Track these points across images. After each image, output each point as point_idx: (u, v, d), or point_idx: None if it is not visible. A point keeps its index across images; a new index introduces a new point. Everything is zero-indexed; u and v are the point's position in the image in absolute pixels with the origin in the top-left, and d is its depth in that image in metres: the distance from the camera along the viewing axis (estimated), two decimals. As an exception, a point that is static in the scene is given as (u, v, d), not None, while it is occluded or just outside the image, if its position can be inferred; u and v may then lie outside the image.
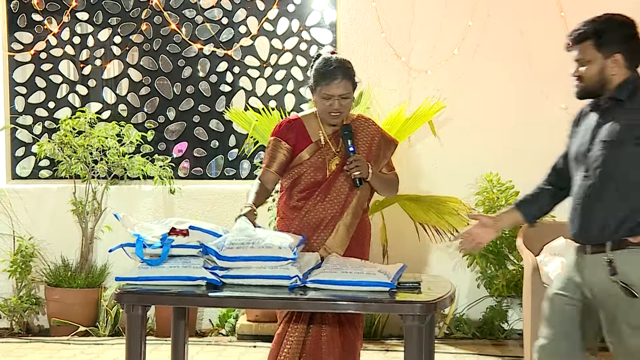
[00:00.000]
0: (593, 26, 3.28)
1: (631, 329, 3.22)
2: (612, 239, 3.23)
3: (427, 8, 6.36)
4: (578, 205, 3.31)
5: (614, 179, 3.22)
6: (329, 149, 3.98)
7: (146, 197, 6.69)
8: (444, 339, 6.16)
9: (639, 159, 3.19)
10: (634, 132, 3.18)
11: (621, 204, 3.22)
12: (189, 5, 6.73)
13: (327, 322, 3.92)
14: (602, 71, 3.27)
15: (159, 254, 3.50)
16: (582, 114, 3.45)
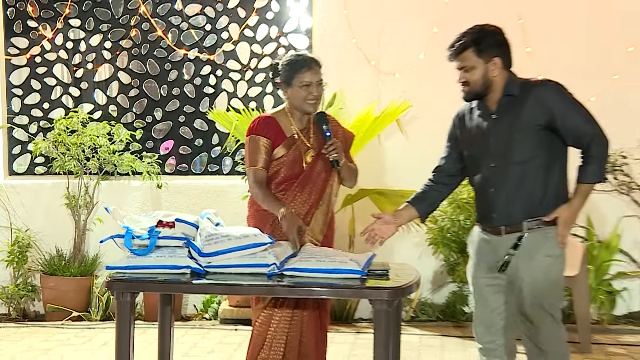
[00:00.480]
0: (471, 37, 3.47)
1: (531, 303, 3.40)
2: (528, 219, 3.38)
3: (395, 16, 6.38)
4: (494, 193, 3.43)
5: (525, 164, 3.37)
6: (302, 142, 3.98)
7: (135, 191, 6.66)
8: (410, 321, 6.19)
9: (543, 144, 3.36)
10: (533, 120, 3.35)
11: (534, 186, 3.38)
12: (174, 13, 6.71)
13: (306, 307, 3.93)
14: (485, 74, 3.43)
15: (146, 245, 3.50)
16: (462, 117, 3.60)
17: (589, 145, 3.37)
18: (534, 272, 3.40)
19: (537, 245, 3.40)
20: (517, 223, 3.41)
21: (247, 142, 3.98)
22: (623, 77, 6.15)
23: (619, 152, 6.00)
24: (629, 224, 6.16)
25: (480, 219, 3.58)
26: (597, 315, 6.04)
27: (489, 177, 3.46)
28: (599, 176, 3.40)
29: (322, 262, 3.44)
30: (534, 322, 3.46)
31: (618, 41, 6.14)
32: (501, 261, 3.41)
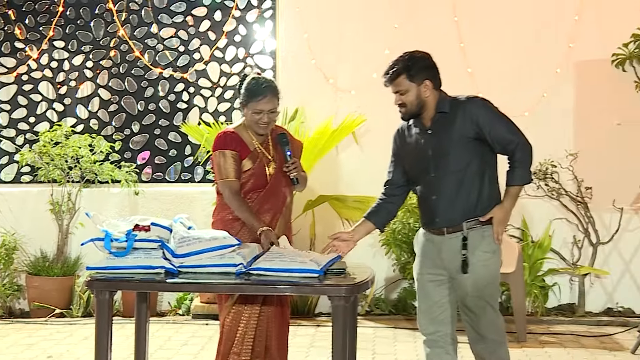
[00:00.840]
0: (402, 64, 3.53)
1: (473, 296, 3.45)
2: (467, 220, 3.44)
3: (351, 39, 6.39)
4: (436, 200, 3.47)
5: (461, 172, 3.43)
6: (264, 155, 3.94)
7: (114, 198, 6.57)
8: (365, 315, 6.18)
9: (475, 153, 3.44)
10: (464, 133, 3.42)
11: (470, 191, 3.44)
12: (150, 35, 6.65)
13: (271, 303, 3.90)
14: (419, 96, 3.49)
15: (124, 247, 3.44)
16: (402, 134, 3.64)
17: (514, 151, 3.46)
18: (475, 267, 3.44)
19: (476, 243, 3.44)
20: (457, 224, 3.45)
21: (215, 157, 3.89)
22: (551, 95, 6.22)
23: (549, 161, 6.08)
24: (558, 226, 6.22)
25: (424, 222, 3.60)
26: (532, 308, 6.08)
27: (430, 186, 3.50)
28: (526, 178, 3.51)
29: (285, 262, 3.42)
30: (476, 312, 3.49)
31: (547, 63, 6.22)
32: (460, 263, 3.44)
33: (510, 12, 6.25)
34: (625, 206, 6.13)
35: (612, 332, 5.68)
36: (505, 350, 3.56)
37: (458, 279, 3.48)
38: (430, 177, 3.49)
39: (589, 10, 6.15)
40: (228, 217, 3.90)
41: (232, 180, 3.84)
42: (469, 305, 3.49)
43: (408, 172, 3.61)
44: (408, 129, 3.61)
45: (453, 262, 3.47)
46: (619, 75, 6.06)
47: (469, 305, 3.49)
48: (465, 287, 3.46)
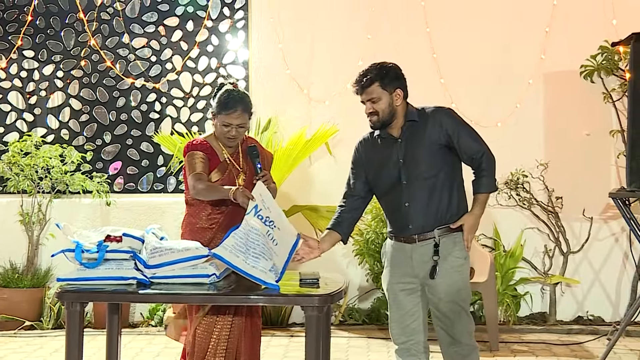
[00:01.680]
0: (376, 72, 3.58)
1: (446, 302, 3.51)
2: (439, 227, 3.49)
3: (325, 50, 6.41)
4: (408, 207, 3.50)
5: (433, 178, 3.49)
6: (234, 166, 3.93)
7: (85, 208, 6.51)
8: (339, 325, 6.17)
9: (445, 160, 3.51)
10: (435, 140, 3.49)
11: (441, 197, 3.51)
12: (122, 45, 6.61)
13: (242, 314, 3.88)
14: (391, 104, 3.55)
15: (95, 258, 3.41)
16: (365, 144, 3.68)
17: (480, 161, 3.53)
18: (448, 272, 3.49)
19: (448, 249, 3.50)
20: (429, 231, 3.50)
21: (185, 160, 3.89)
22: (524, 106, 6.29)
23: (520, 171, 6.13)
24: (530, 235, 6.28)
25: (395, 231, 3.61)
26: (504, 317, 6.12)
27: (402, 194, 3.52)
28: (492, 186, 3.60)
29: (246, 264, 3.37)
30: (451, 317, 3.53)
31: (520, 74, 6.28)
32: (430, 269, 3.48)
33: (483, 24, 6.31)
34: (594, 215, 6.20)
35: (583, 341, 5.73)
36: (477, 354, 3.62)
37: (431, 285, 3.51)
38: (402, 185, 3.51)
39: (558, 22, 6.23)
40: (196, 226, 3.88)
41: (200, 173, 3.79)
42: (444, 311, 3.52)
43: (374, 181, 3.62)
44: (372, 139, 3.65)
45: (424, 269, 3.51)
46: (587, 86, 6.14)
47: (444, 310, 3.52)
48: (439, 293, 3.50)
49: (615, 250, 6.27)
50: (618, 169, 6.16)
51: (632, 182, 5.04)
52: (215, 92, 3.94)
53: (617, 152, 6.12)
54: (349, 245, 6.16)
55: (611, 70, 6.03)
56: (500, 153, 6.27)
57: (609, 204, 6.07)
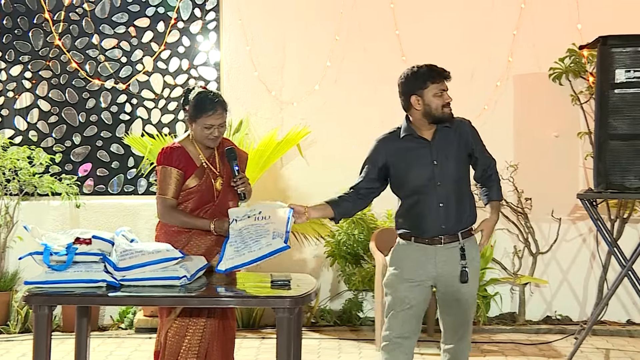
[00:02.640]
0: None
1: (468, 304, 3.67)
2: (463, 230, 3.62)
3: (293, 51, 6.40)
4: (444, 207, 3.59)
5: (460, 182, 3.65)
6: (211, 170, 3.90)
7: (54, 211, 6.43)
8: (310, 326, 6.16)
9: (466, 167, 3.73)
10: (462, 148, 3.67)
11: (465, 201, 3.65)
12: (92, 46, 6.54)
13: (215, 316, 3.85)
14: None
15: (64, 261, 3.37)
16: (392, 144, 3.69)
17: (492, 172, 3.78)
18: (473, 275, 3.62)
19: (472, 254, 3.64)
20: (454, 233, 3.61)
21: (158, 171, 3.85)
22: (493, 108, 6.33)
23: (491, 173, 6.16)
24: (500, 236, 6.32)
25: (420, 232, 3.63)
26: (474, 317, 6.13)
27: (438, 194, 3.59)
28: (501, 193, 3.86)
29: (253, 252, 3.41)
30: (468, 315, 3.70)
31: (488, 77, 6.33)
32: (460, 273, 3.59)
33: (452, 26, 6.35)
34: (563, 216, 6.26)
35: (551, 340, 5.79)
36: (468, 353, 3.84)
37: (455, 288, 3.60)
38: (435, 186, 3.59)
39: (526, 25, 6.29)
40: (172, 229, 3.85)
41: (169, 199, 3.80)
42: (463, 310, 3.65)
43: (402, 180, 3.65)
44: (398, 139, 3.68)
45: (448, 272, 3.60)
46: (556, 88, 6.20)
47: (463, 309, 3.65)
48: (463, 295, 3.62)
49: (582, 250, 6.34)
50: (586, 170, 6.23)
51: (599, 183, 5.10)
52: (185, 96, 3.89)
53: (584, 153, 6.19)
54: (320, 247, 6.17)
55: (579, 73, 6.09)
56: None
57: (576, 205, 6.13)
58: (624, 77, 5.03)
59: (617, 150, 5.06)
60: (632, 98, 5.03)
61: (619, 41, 5.09)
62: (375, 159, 3.70)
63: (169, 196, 3.79)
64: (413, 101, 3.60)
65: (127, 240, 3.61)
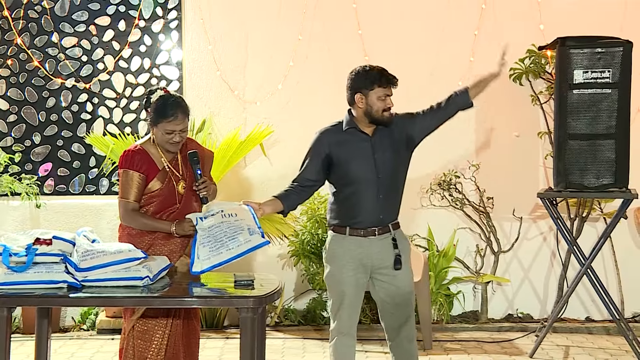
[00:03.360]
0: None
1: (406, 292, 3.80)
2: (393, 222, 3.79)
3: (256, 51, 6.39)
4: (380, 197, 3.73)
5: (397, 176, 3.82)
6: (173, 174, 3.89)
7: (14, 211, 6.34)
8: (274, 326, 6.17)
9: (404, 161, 3.86)
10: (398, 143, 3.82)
11: (399, 194, 3.84)
12: (51, 44, 6.46)
13: (180, 317, 3.85)
14: None
15: (24, 262, 3.35)
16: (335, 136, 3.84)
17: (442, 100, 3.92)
18: (406, 264, 3.78)
19: (403, 243, 3.81)
20: (387, 224, 3.76)
21: (120, 175, 3.85)
22: (456, 108, 6.38)
23: (453, 172, 6.23)
24: (462, 235, 6.39)
25: (356, 223, 3.74)
26: (437, 316, 6.21)
27: (377, 186, 3.72)
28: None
29: (232, 249, 3.44)
30: (407, 307, 3.80)
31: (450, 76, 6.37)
32: (394, 260, 3.73)
33: (414, 26, 6.40)
34: (524, 215, 6.35)
35: (513, 338, 5.87)
36: (416, 345, 3.88)
37: (391, 276, 3.72)
38: (376, 179, 3.72)
39: (487, 25, 6.36)
40: (134, 231, 3.83)
41: (131, 202, 3.81)
42: (399, 301, 3.75)
43: (344, 173, 3.76)
44: (340, 133, 3.82)
45: (383, 261, 3.72)
46: (516, 89, 6.28)
47: (400, 301, 3.75)
48: (400, 283, 3.75)
49: (543, 249, 6.44)
50: (546, 169, 6.33)
51: (559, 182, 5.19)
52: (146, 98, 3.87)
53: (545, 153, 6.28)
54: (284, 247, 6.18)
55: (538, 73, 6.18)
56: (433, 154, 6.41)
57: (537, 204, 6.23)
58: (582, 77, 5.13)
59: (576, 150, 5.15)
60: (590, 98, 5.13)
61: (577, 42, 5.19)
62: (319, 150, 3.83)
63: (131, 199, 3.80)
64: (357, 98, 3.77)
65: (89, 240, 3.58)
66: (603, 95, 5.11)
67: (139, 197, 3.82)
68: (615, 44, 5.15)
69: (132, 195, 3.79)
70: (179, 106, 3.79)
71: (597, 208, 6.18)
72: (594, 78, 5.11)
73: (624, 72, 5.09)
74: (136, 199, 3.81)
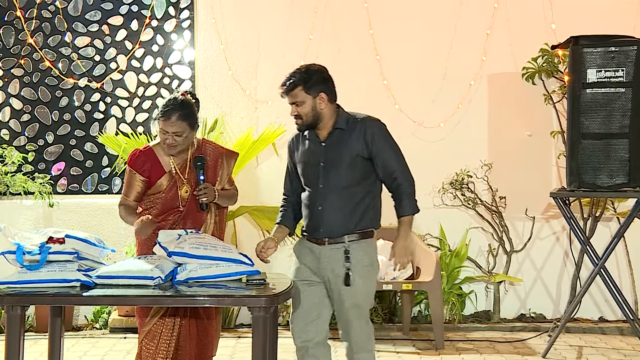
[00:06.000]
0: (299, 76, 3.60)
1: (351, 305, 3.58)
2: (348, 234, 3.55)
3: (268, 50, 6.40)
4: (321, 210, 3.57)
5: (349, 187, 3.55)
6: (179, 177, 3.90)
7: (27, 210, 6.37)
8: (286, 326, 6.16)
9: (366, 173, 3.56)
10: (357, 151, 3.54)
11: (356, 208, 3.55)
12: (64, 44, 6.49)
13: (192, 316, 3.86)
14: (314, 108, 3.59)
15: (37, 260, 3.37)
16: (296, 142, 3.73)
17: (399, 182, 3.55)
18: (361, 279, 3.56)
19: (357, 257, 3.56)
20: (339, 236, 3.56)
21: (126, 172, 3.94)
22: (466, 107, 6.38)
23: (465, 171, 6.22)
24: (474, 235, 6.37)
25: (307, 231, 3.67)
26: (449, 316, 6.20)
27: (317, 196, 3.58)
28: (415, 208, 3.60)
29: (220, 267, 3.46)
30: (352, 321, 3.61)
31: (462, 76, 6.37)
32: (343, 276, 3.54)
33: (425, 25, 6.39)
34: (537, 215, 6.33)
35: (525, 338, 5.85)
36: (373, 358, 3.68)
37: (337, 289, 3.58)
38: (319, 188, 3.58)
39: (500, 25, 6.34)
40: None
41: (129, 200, 3.91)
42: (346, 315, 3.60)
43: (299, 178, 3.70)
44: (302, 137, 3.70)
45: (332, 273, 3.57)
46: (529, 88, 6.26)
47: (346, 314, 3.60)
48: (344, 297, 3.57)
49: (556, 248, 6.41)
50: (559, 169, 6.30)
51: (572, 182, 5.17)
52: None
53: (557, 152, 6.26)
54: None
55: (551, 72, 6.16)
56: (445, 153, 6.39)
57: (550, 204, 6.20)
58: (595, 77, 5.10)
59: (589, 149, 5.13)
60: (603, 97, 5.10)
61: (590, 41, 5.16)
62: (290, 156, 3.80)
63: (130, 199, 3.90)
64: None
65: None
66: (616, 94, 5.08)
67: (138, 197, 3.90)
68: (629, 42, 5.12)
69: (132, 196, 3.90)
70: (179, 109, 3.79)
71: (611, 208, 6.15)
72: (608, 77, 5.08)
73: (637, 71, 5.06)
74: (135, 199, 3.90)
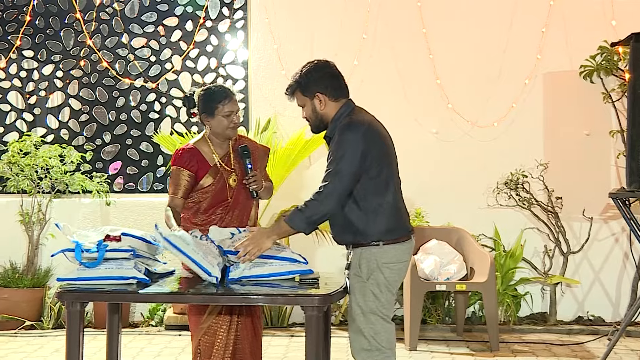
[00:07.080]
0: (296, 79, 3.47)
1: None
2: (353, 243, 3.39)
3: (321, 50, 6.40)
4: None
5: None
6: (224, 169, 3.95)
7: (85, 208, 6.52)
8: (339, 325, 6.18)
9: None
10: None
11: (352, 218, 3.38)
12: (121, 45, 6.62)
13: (242, 314, 3.90)
14: (315, 109, 3.48)
15: (95, 257, 3.42)
16: None
17: (316, 194, 3.39)
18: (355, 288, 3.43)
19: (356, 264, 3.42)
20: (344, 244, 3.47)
21: (172, 172, 3.95)
22: (521, 106, 6.30)
23: (520, 171, 6.14)
24: (530, 235, 6.28)
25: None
26: (504, 317, 6.13)
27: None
28: (301, 226, 3.35)
29: (274, 266, 3.45)
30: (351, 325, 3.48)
31: (516, 74, 6.29)
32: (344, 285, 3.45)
33: (479, 24, 6.32)
34: (594, 216, 6.21)
35: (583, 341, 5.74)
36: None
37: None
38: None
39: (556, 22, 6.24)
40: (194, 221, 3.92)
41: (178, 198, 3.91)
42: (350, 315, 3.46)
43: None
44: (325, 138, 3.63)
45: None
46: (586, 86, 6.15)
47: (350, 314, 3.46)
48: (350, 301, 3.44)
49: (615, 250, 6.28)
50: (618, 169, 6.18)
51: (632, 182, 5.05)
52: (188, 100, 3.96)
53: (617, 152, 6.13)
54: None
55: (610, 70, 6.04)
56: (500, 153, 6.32)
57: (609, 204, 6.08)
58: (657, 74, 4.97)
59: (650, 149, 5.00)
60: (665, 95, 4.97)
61: (652, 38, 5.03)
62: None
63: (178, 196, 3.91)
64: None
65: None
66: (679, 92, 4.95)
67: (186, 193, 3.91)
68: (692, 39, 4.98)
69: (180, 192, 3.90)
70: (228, 89, 3.92)
71: (672, 208, 6.00)
72: (670, 74, 4.95)
73: (700, 67, 4.92)
74: (183, 196, 3.90)
